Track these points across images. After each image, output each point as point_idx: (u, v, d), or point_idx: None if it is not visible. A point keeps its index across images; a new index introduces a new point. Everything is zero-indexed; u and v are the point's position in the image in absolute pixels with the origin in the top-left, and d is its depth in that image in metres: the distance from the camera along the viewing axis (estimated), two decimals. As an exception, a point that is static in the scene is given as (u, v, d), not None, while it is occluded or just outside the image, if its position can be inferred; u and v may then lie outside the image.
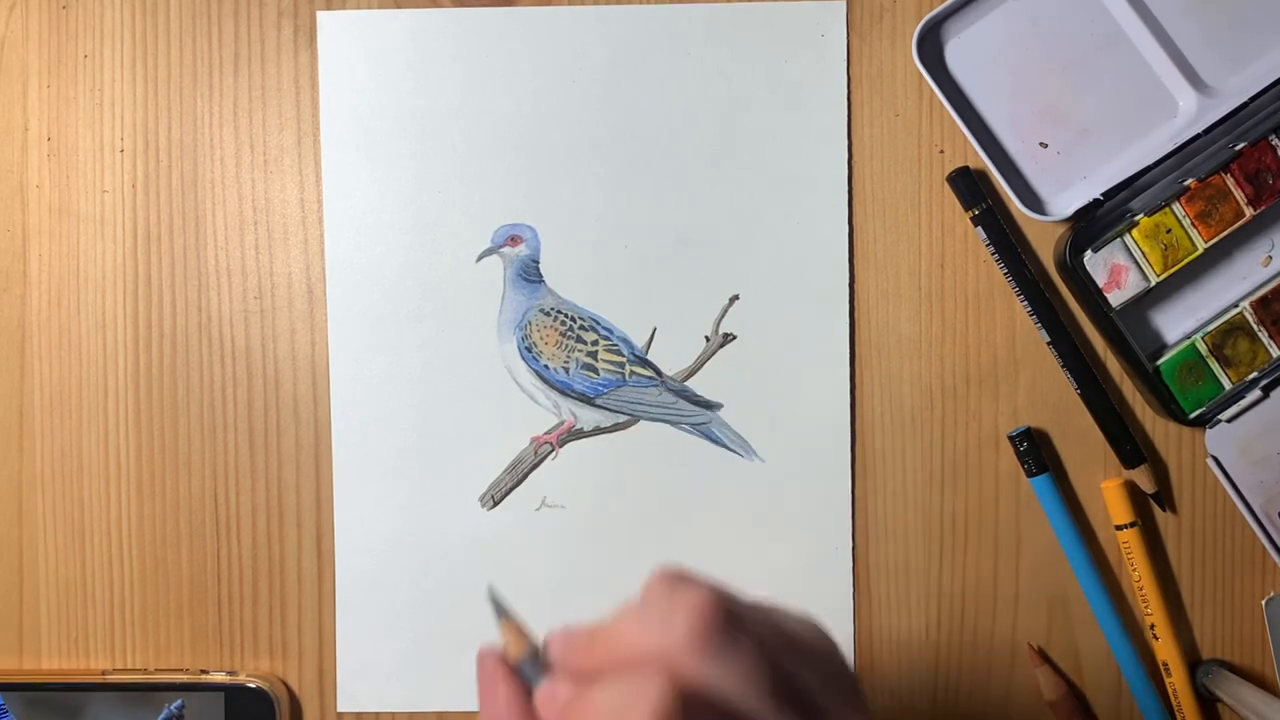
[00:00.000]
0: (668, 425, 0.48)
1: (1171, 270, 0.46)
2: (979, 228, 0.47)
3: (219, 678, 0.48)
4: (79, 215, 0.48)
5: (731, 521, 0.48)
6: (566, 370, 0.48)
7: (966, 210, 0.47)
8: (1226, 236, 0.46)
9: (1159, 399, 0.47)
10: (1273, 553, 0.47)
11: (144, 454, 0.49)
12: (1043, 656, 0.48)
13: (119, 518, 0.49)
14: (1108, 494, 0.47)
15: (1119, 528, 0.47)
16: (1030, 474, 0.47)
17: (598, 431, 0.48)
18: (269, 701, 0.47)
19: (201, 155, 0.48)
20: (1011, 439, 0.47)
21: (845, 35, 0.48)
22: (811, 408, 0.48)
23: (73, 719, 0.47)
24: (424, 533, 0.48)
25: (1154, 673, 0.48)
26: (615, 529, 0.48)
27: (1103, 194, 0.46)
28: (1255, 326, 0.47)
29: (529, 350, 0.48)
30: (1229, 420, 0.47)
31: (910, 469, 0.48)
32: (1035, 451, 0.47)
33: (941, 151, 0.48)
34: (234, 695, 0.47)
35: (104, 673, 0.48)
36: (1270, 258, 0.48)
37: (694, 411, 0.48)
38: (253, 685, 0.47)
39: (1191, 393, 0.47)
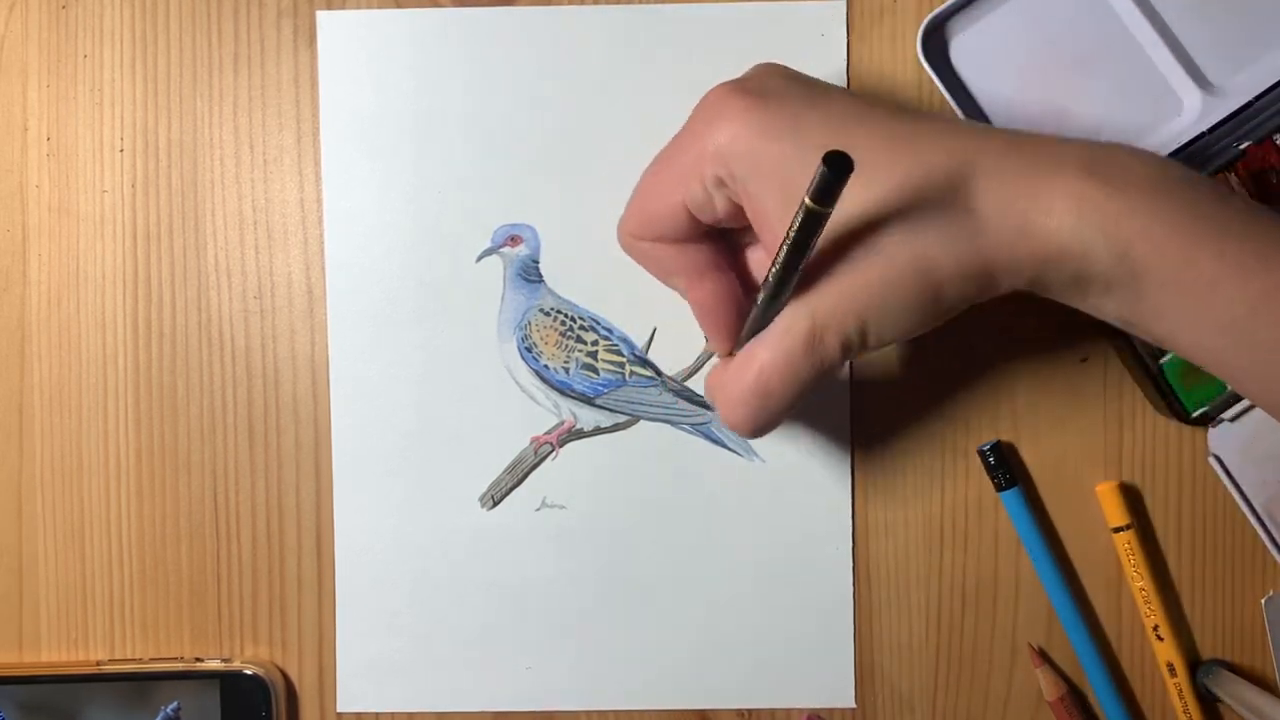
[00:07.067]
0: (668, 425, 0.48)
1: (1174, 270, 0.46)
2: (980, 227, 0.47)
3: (214, 665, 0.48)
4: (79, 215, 0.48)
5: (731, 521, 0.48)
6: (566, 370, 0.48)
7: (968, 210, 0.47)
8: (1229, 236, 0.46)
9: (1162, 398, 0.47)
10: (1274, 552, 0.47)
11: (144, 454, 0.49)
12: (1043, 656, 0.48)
13: (119, 518, 0.49)
14: (1103, 497, 0.47)
15: (1116, 530, 0.47)
16: (1000, 488, 0.47)
17: (598, 431, 0.48)
18: (265, 688, 0.47)
19: (201, 155, 0.48)
20: (981, 453, 0.47)
21: (845, 35, 0.47)
22: (811, 408, 0.48)
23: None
24: (424, 533, 0.48)
25: (1154, 674, 0.48)
26: (615, 529, 0.48)
27: (1105, 194, 0.46)
28: (1258, 327, 0.46)
29: (529, 350, 0.48)
30: (1231, 420, 0.47)
31: (910, 468, 0.48)
32: (1005, 466, 0.47)
33: (943, 151, 0.48)
34: (230, 682, 0.47)
35: (99, 663, 0.48)
36: (1273, 257, 0.47)
37: (694, 411, 0.48)
38: (249, 672, 0.47)
39: (1194, 391, 0.46)
